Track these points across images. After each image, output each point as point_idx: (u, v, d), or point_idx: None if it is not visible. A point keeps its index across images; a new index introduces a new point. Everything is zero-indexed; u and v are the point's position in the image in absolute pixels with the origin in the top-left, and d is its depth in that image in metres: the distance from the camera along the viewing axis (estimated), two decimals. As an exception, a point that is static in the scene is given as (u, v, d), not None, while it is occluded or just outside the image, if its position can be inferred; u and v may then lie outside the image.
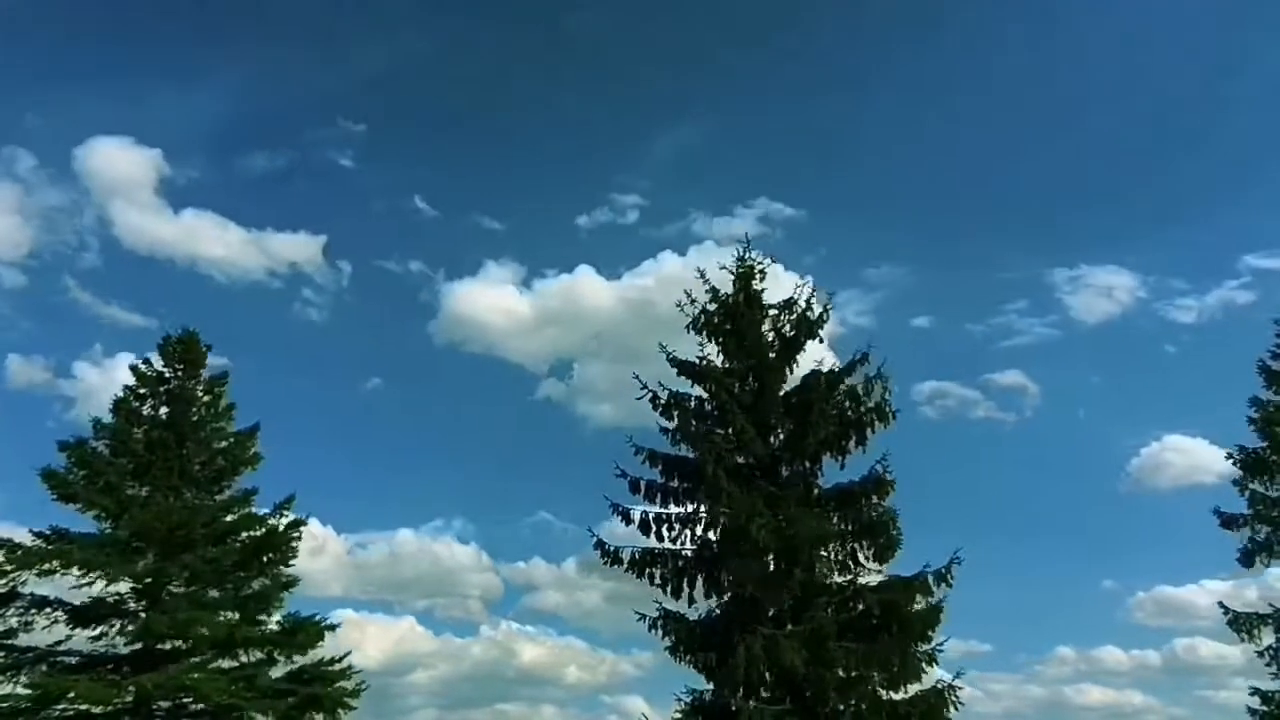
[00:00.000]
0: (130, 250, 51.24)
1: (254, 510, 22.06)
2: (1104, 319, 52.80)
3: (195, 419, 22.21)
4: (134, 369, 22.49)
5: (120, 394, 22.24)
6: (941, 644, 16.28)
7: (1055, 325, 53.51)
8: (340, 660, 21.66)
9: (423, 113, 65.89)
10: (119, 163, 50.59)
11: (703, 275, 18.19)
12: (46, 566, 20.02)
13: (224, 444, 22.38)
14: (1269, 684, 22.48)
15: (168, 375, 22.47)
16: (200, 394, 22.51)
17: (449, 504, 56.59)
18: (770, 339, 17.94)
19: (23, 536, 20.37)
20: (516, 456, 54.21)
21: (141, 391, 22.28)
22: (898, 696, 15.96)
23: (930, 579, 16.21)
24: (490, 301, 52.12)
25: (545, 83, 65.47)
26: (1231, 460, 23.76)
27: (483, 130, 64.90)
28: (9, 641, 20.21)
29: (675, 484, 17.27)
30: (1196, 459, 45.59)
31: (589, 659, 43.62)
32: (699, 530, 17.07)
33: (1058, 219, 62.59)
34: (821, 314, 17.85)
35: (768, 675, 15.76)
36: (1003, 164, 64.45)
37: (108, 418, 21.88)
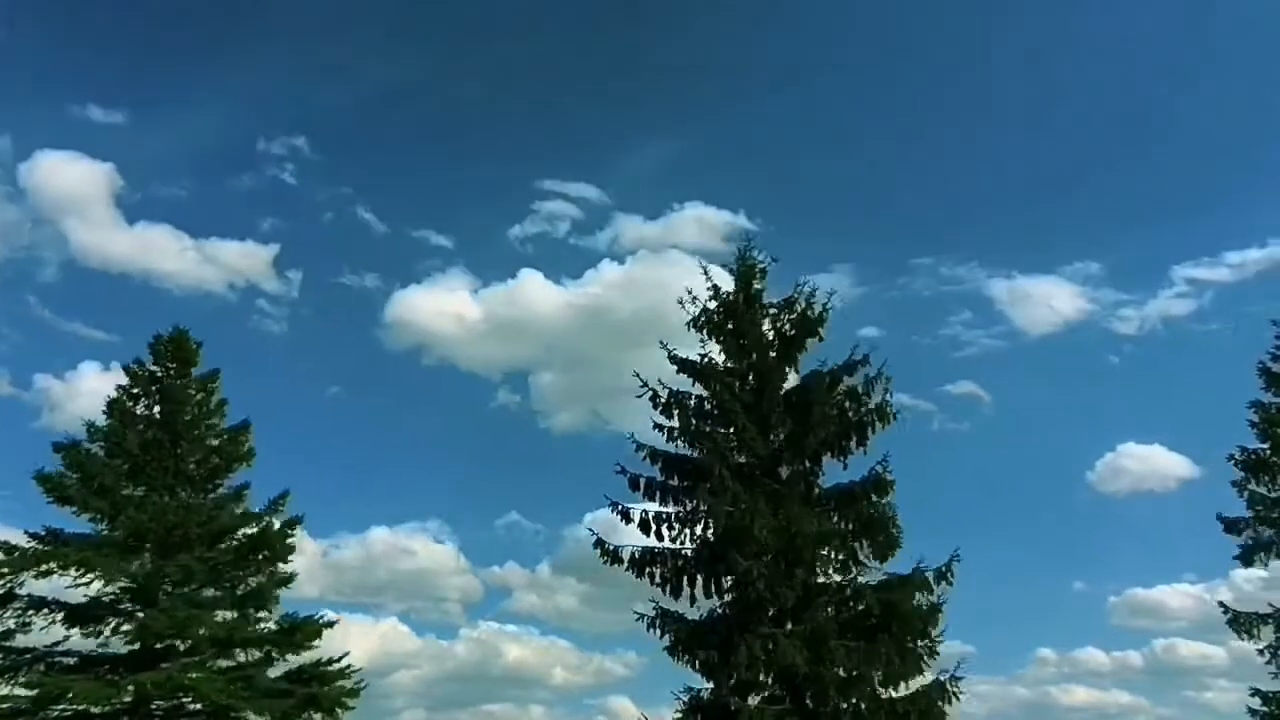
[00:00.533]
0: (86, 264, 51.99)
1: (248, 508, 22.07)
2: (1048, 330, 53.53)
3: (188, 417, 22.22)
4: (126, 369, 22.51)
5: (113, 395, 22.25)
6: (940, 640, 16.31)
7: (1001, 337, 54.21)
8: (339, 660, 21.63)
9: (369, 127, 66.58)
10: (70, 177, 50.72)
11: (705, 272, 18.25)
12: (44, 568, 20.03)
13: (217, 441, 22.38)
14: (1269, 684, 22.48)
15: (159, 375, 22.45)
16: (193, 392, 22.51)
17: (421, 507, 57.70)
18: (770, 338, 17.94)
19: (18, 539, 20.38)
20: (481, 462, 54.61)
21: (134, 391, 22.28)
22: (897, 694, 15.95)
23: (930, 577, 16.19)
24: (441, 310, 52.55)
25: (484, 90, 65.83)
26: (1231, 462, 23.76)
27: (426, 142, 65.41)
28: (7, 643, 20.22)
29: (675, 482, 17.24)
30: (1154, 465, 47.18)
31: (574, 659, 43.99)
32: (699, 529, 17.04)
33: (997, 230, 63.88)
34: (821, 313, 17.85)
35: (768, 674, 15.75)
36: (943, 175, 65.56)
37: (101, 420, 21.88)
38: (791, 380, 17.85)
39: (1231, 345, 49.30)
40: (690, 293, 17.97)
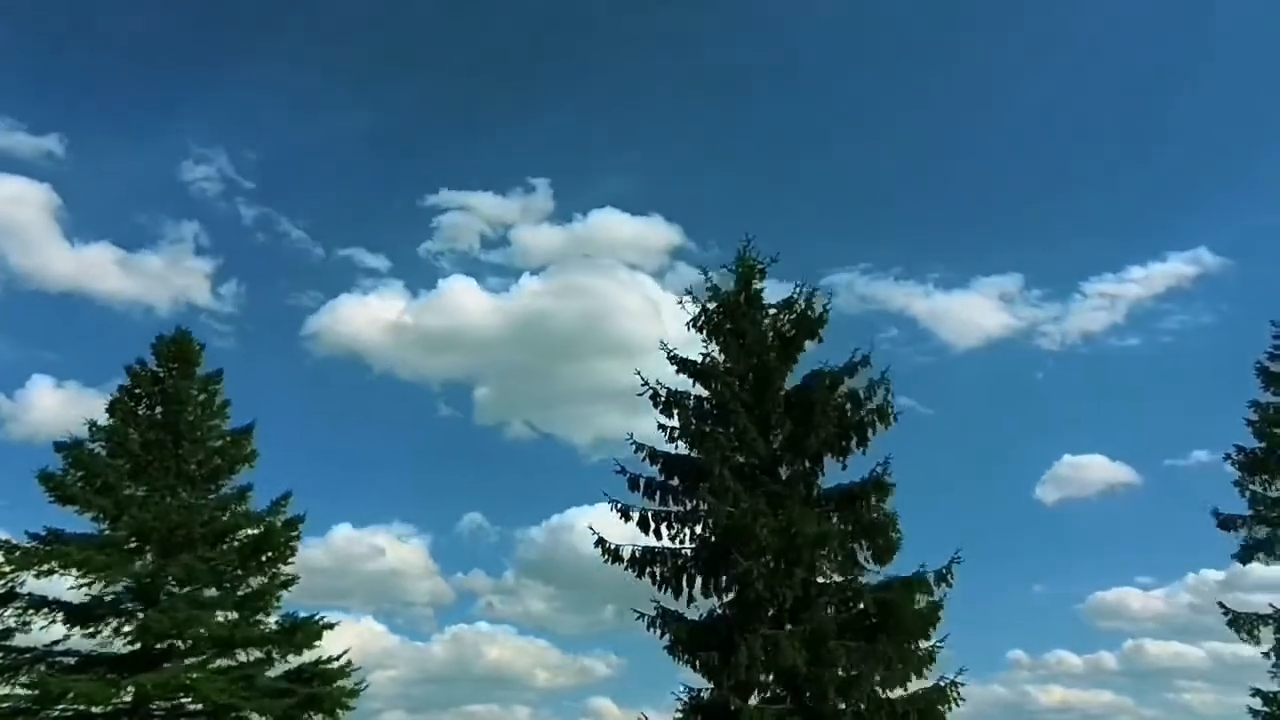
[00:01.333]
0: (27, 285, 52.12)
1: (250, 509, 22.05)
2: (974, 345, 54.26)
3: (191, 418, 22.21)
4: (129, 369, 22.47)
5: (115, 395, 22.23)
6: (940, 645, 16.29)
7: (930, 353, 54.64)
8: (339, 659, 21.63)
9: (299, 142, 66.42)
10: (10, 198, 50.74)
11: (705, 274, 18.24)
12: (45, 567, 20.02)
13: (220, 442, 22.38)
14: (1269, 684, 22.50)
15: (162, 375, 22.44)
16: (195, 393, 22.49)
17: (383, 510, 57.89)
18: (770, 338, 17.94)
19: (19, 539, 20.40)
20: (432, 471, 54.99)
21: (137, 392, 22.26)
22: (897, 695, 15.96)
23: (930, 578, 16.20)
24: (374, 322, 52.85)
25: (409, 101, 66.75)
26: (1230, 461, 23.82)
27: (359, 159, 65.88)
28: (7, 642, 20.21)
29: (675, 482, 17.26)
30: (1097, 474, 48.08)
31: (553, 659, 44.13)
32: (699, 529, 17.06)
33: (915, 244, 64.19)
34: (822, 314, 17.88)
35: (768, 675, 15.77)
36: (859, 187, 65.67)
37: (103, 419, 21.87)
38: (791, 381, 17.87)
39: (1149, 358, 52.84)
40: (689, 292, 18.05)
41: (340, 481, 52.57)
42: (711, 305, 18.02)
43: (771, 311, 18.09)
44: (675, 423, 17.44)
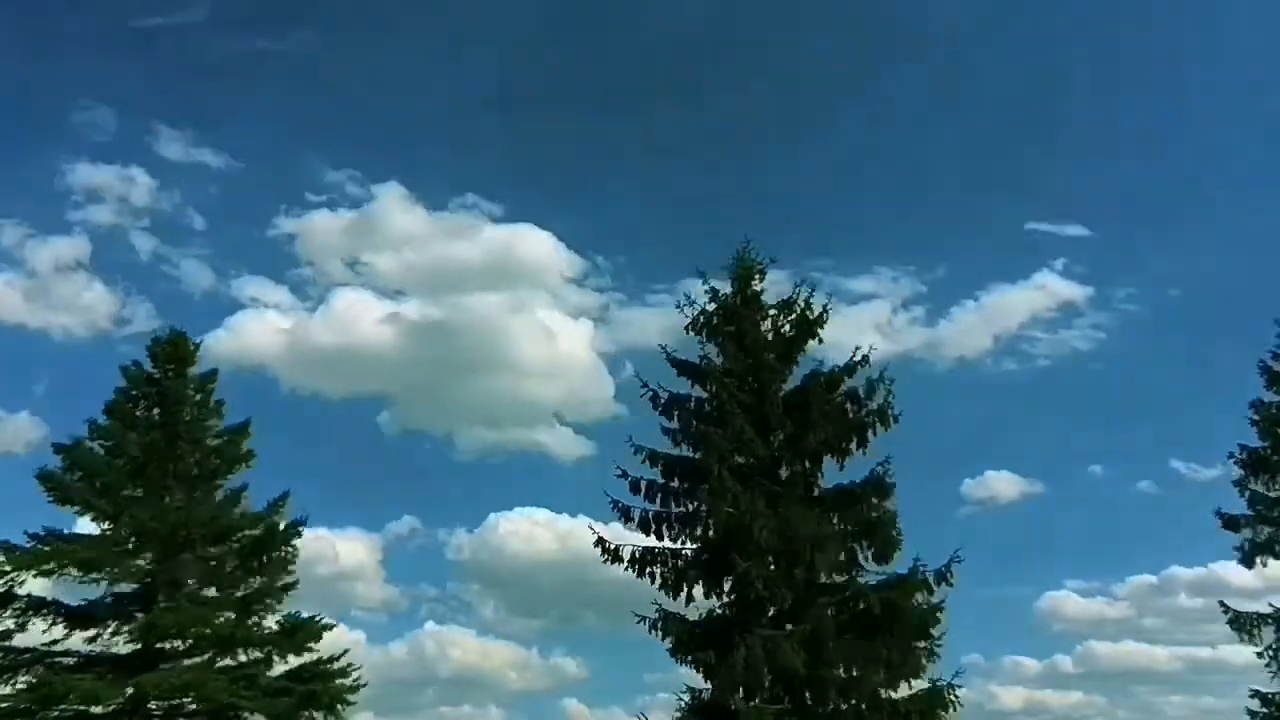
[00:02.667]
0: None
1: (248, 509, 22.03)
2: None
3: (188, 418, 22.14)
4: (124, 370, 22.42)
5: (113, 396, 22.15)
6: (941, 644, 16.32)
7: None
8: (339, 659, 21.64)
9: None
10: None
11: (703, 276, 18.22)
12: (45, 567, 20.01)
13: (216, 442, 22.32)
14: (1269, 685, 22.47)
15: (158, 376, 22.37)
16: (191, 392, 22.43)
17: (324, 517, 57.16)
18: (770, 339, 17.94)
19: (18, 539, 20.38)
20: (362, 481, 52.22)
21: (134, 393, 22.18)
22: (897, 696, 15.98)
23: (930, 578, 16.20)
24: (273, 339, 50.72)
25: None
26: (1233, 460, 23.77)
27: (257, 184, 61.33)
28: (7, 642, 20.16)
29: (676, 484, 17.27)
30: (1009, 489, 47.44)
31: (516, 661, 43.56)
32: (699, 530, 17.07)
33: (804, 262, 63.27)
34: (821, 314, 17.86)
35: (768, 675, 15.77)
36: (750, 208, 62.09)
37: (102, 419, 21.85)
38: (791, 382, 17.87)
39: (1027, 381, 51.88)
40: (688, 296, 18.07)
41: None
42: (711, 307, 18.01)
43: (771, 313, 18.10)
44: (675, 424, 17.47)
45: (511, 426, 51.41)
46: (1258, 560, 23.21)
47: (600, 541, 17.17)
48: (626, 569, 17.11)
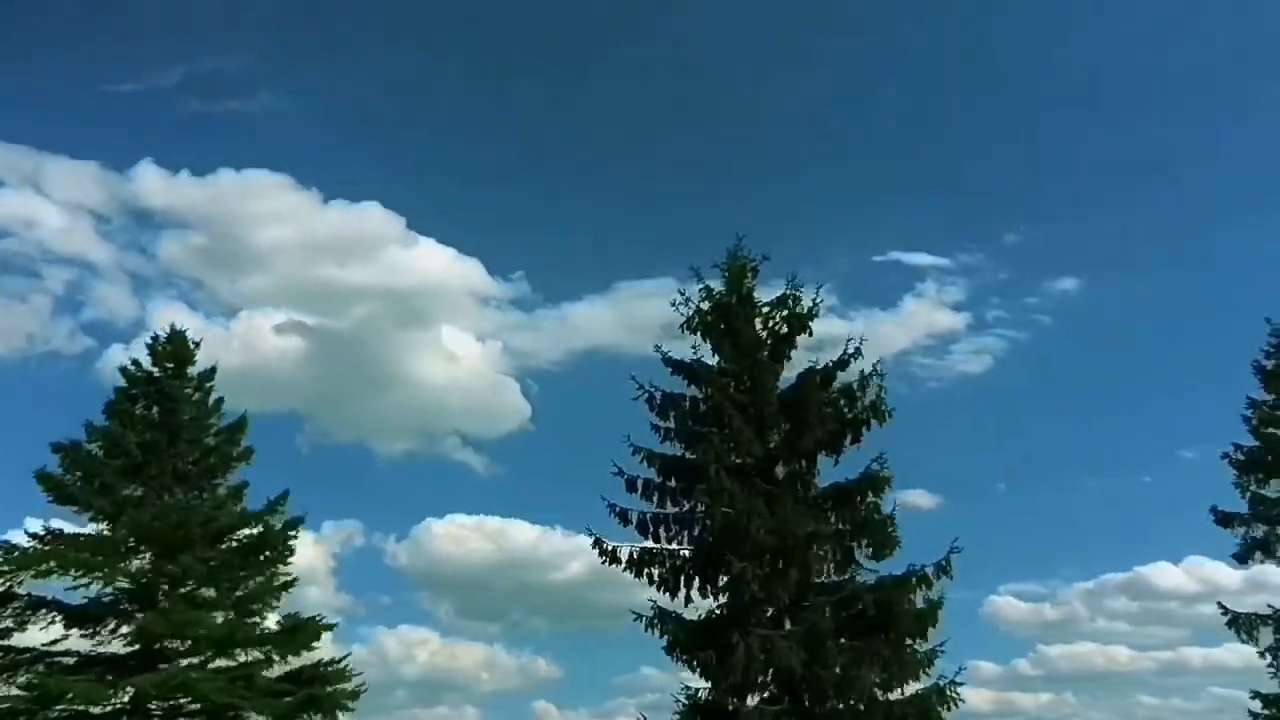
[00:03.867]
0: None
1: (248, 508, 22.05)
2: None
3: (187, 417, 22.16)
4: (124, 370, 22.43)
5: (111, 396, 22.18)
6: (940, 643, 16.31)
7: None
8: (339, 661, 21.64)
9: None
10: None
11: (697, 274, 18.18)
12: (43, 567, 19.99)
13: (214, 440, 22.33)
14: (1270, 685, 22.47)
15: (157, 375, 22.38)
16: (190, 392, 22.45)
17: None
18: (763, 337, 17.92)
19: (18, 538, 20.40)
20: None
21: (133, 393, 22.19)
22: (895, 696, 15.95)
23: (930, 573, 16.19)
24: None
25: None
26: (1228, 460, 23.80)
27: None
28: (6, 642, 20.20)
29: (672, 483, 17.26)
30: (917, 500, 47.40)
31: (481, 661, 44.10)
32: (695, 530, 17.07)
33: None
34: (811, 308, 17.81)
35: (766, 675, 15.77)
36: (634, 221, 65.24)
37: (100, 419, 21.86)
38: (785, 379, 17.83)
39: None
40: (682, 294, 17.99)
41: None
42: (704, 306, 17.95)
43: (764, 310, 18.05)
44: (670, 424, 17.45)
45: (422, 438, 53.23)
46: (1252, 559, 23.27)
47: (598, 543, 17.14)
48: (624, 569, 17.09)
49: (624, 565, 17.09)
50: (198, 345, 22.87)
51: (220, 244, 53.62)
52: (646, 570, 17.05)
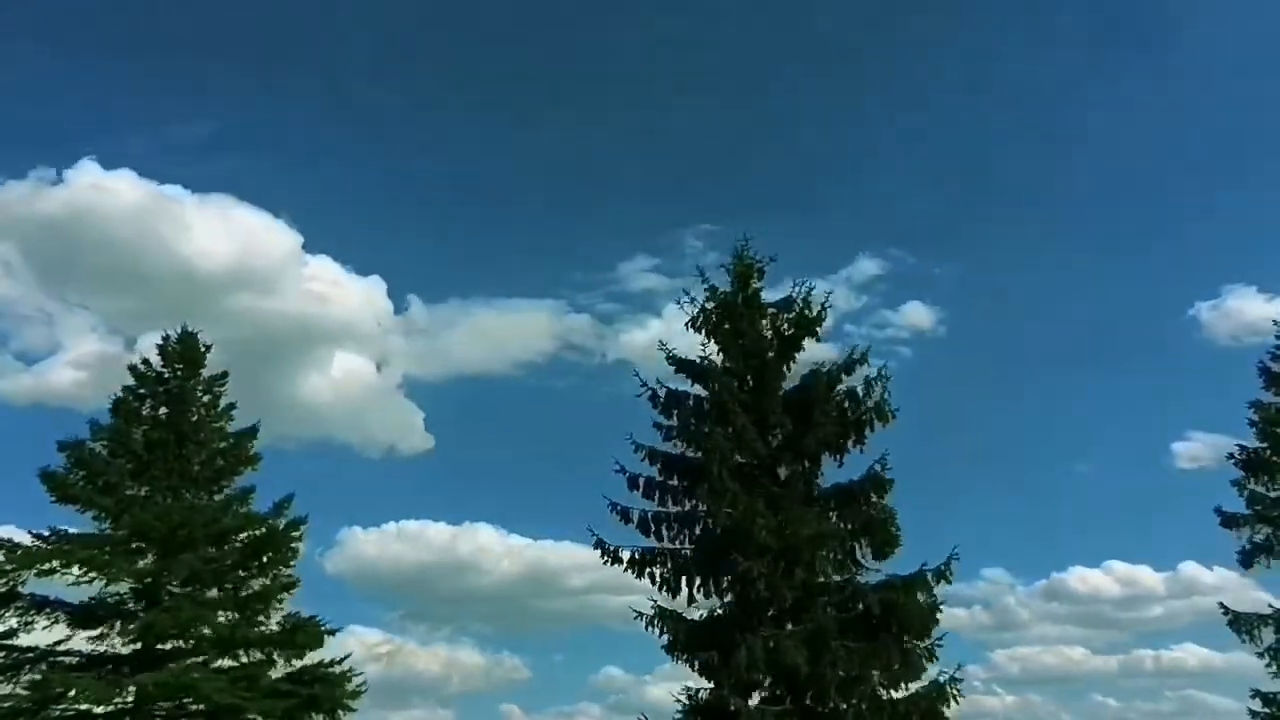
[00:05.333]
0: None
1: (253, 510, 22.05)
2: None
3: (195, 419, 22.16)
4: (133, 369, 22.43)
5: (118, 394, 22.19)
6: (941, 642, 16.35)
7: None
8: (341, 662, 21.64)
9: None
10: None
11: (701, 274, 18.23)
12: (46, 566, 20.00)
13: (223, 444, 22.33)
14: (1270, 685, 22.45)
15: (167, 375, 22.41)
16: (200, 394, 22.46)
17: None
18: (769, 338, 17.94)
19: (21, 538, 20.38)
20: None
21: (140, 392, 22.22)
22: (898, 695, 15.97)
23: (930, 576, 16.24)
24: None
25: None
26: (1233, 461, 23.78)
27: None
28: (9, 641, 20.20)
29: (675, 482, 17.28)
30: None
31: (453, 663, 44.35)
32: (698, 529, 17.08)
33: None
34: (820, 312, 17.85)
35: (768, 675, 15.78)
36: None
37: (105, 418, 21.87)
38: (790, 380, 17.86)
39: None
40: (687, 293, 18.03)
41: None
42: (710, 305, 17.97)
43: (770, 311, 18.06)
44: (674, 423, 17.46)
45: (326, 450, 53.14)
46: (1256, 561, 23.23)
47: (599, 543, 17.15)
48: (626, 569, 17.10)
49: (625, 565, 17.08)
50: (208, 349, 22.84)
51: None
52: (648, 570, 17.05)
